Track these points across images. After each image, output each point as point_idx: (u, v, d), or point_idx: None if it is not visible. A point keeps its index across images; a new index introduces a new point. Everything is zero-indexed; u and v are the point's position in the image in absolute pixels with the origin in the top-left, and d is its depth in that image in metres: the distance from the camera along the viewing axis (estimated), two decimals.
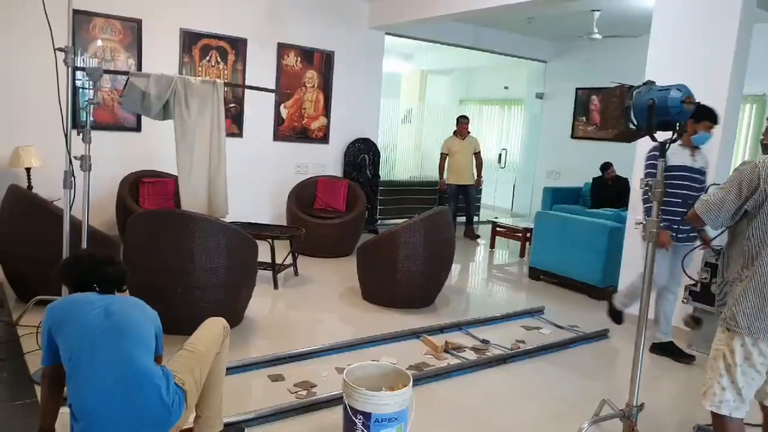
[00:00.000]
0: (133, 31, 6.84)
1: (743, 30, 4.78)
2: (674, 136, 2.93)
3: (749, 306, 2.61)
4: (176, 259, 4.13)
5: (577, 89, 10.54)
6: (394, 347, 4.49)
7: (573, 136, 10.71)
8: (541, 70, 11.25)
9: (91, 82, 3.78)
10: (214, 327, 2.83)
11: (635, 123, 2.98)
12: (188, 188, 4.51)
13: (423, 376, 3.86)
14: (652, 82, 2.98)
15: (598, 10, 7.74)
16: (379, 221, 9.49)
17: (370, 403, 2.69)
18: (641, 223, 3.10)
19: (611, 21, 8.18)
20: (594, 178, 9.01)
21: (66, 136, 3.37)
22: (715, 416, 2.75)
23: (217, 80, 4.56)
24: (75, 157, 3.66)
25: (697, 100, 2.85)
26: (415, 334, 4.73)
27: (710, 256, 4.59)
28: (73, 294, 2.51)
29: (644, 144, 3.61)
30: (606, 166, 8.78)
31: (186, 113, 4.36)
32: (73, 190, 3.46)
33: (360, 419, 2.69)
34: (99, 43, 6.65)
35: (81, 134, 3.69)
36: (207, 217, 4.27)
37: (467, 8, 6.96)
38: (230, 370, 3.68)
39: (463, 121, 9.26)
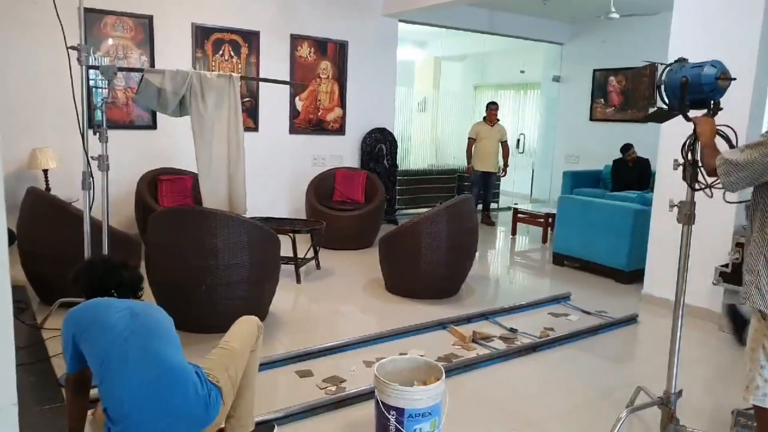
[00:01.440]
0: (144, 27, 6.79)
1: None
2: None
3: None
4: (199, 256, 4.08)
5: (594, 71, 10.35)
6: (421, 339, 4.43)
7: (591, 119, 10.53)
8: (558, 53, 11.06)
9: (105, 81, 3.74)
10: (248, 325, 2.79)
11: (667, 102, 2.86)
12: (208, 185, 4.45)
13: (452, 368, 3.79)
14: (685, 59, 2.84)
15: None
16: (398, 211, 9.41)
17: (404, 398, 2.62)
18: (675, 205, 2.96)
19: None
20: (614, 161, 8.86)
21: (83, 136, 3.32)
22: (759, 410, 2.61)
23: (233, 74, 4.49)
24: (92, 158, 3.63)
25: (733, 77, 2.72)
26: (441, 324, 4.66)
27: (741, 236, 4.47)
28: (92, 299, 2.47)
29: (670, 124, 3.47)
30: (626, 148, 8.63)
31: (203, 108, 4.30)
32: (92, 191, 3.41)
33: (393, 415, 2.63)
34: (111, 41, 6.61)
35: (98, 134, 3.66)
36: (228, 214, 4.22)
37: None
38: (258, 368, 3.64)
39: (492, 107, 9.13)
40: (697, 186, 2.84)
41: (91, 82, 6.32)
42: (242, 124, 4.51)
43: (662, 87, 2.86)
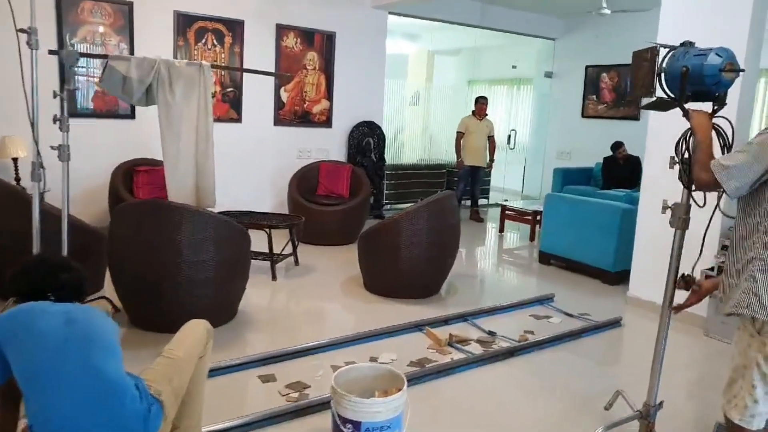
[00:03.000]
0: (123, 14, 6.58)
1: (759, 1, 4.46)
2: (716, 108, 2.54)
3: None
4: (162, 252, 3.90)
5: (587, 67, 10.22)
6: (395, 341, 4.26)
7: (583, 116, 10.40)
8: (550, 48, 10.91)
9: (70, 68, 3.57)
10: (195, 330, 2.59)
11: (666, 91, 2.59)
12: (175, 177, 4.27)
13: (425, 374, 3.64)
14: (691, 44, 2.58)
15: None
16: (386, 206, 9.26)
17: (360, 411, 2.46)
18: (669, 207, 2.75)
19: None
20: (605, 158, 8.74)
21: (32, 124, 3.16)
22: (738, 429, 2.43)
23: (204, 62, 4.31)
24: (52, 147, 3.47)
25: (741, 67, 2.46)
26: (418, 326, 4.49)
27: (727, 238, 4.32)
28: (25, 303, 2.22)
29: (659, 119, 3.31)
30: (617, 146, 8.51)
31: (171, 98, 4.12)
32: (43, 182, 3.24)
33: (349, 428, 2.47)
34: (89, 27, 6.40)
35: (58, 123, 3.49)
36: (194, 208, 4.04)
37: None
38: (219, 371, 3.48)
39: (481, 102, 9.00)
40: (694, 186, 2.60)
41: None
42: (212, 115, 4.33)
43: (662, 75, 2.60)
